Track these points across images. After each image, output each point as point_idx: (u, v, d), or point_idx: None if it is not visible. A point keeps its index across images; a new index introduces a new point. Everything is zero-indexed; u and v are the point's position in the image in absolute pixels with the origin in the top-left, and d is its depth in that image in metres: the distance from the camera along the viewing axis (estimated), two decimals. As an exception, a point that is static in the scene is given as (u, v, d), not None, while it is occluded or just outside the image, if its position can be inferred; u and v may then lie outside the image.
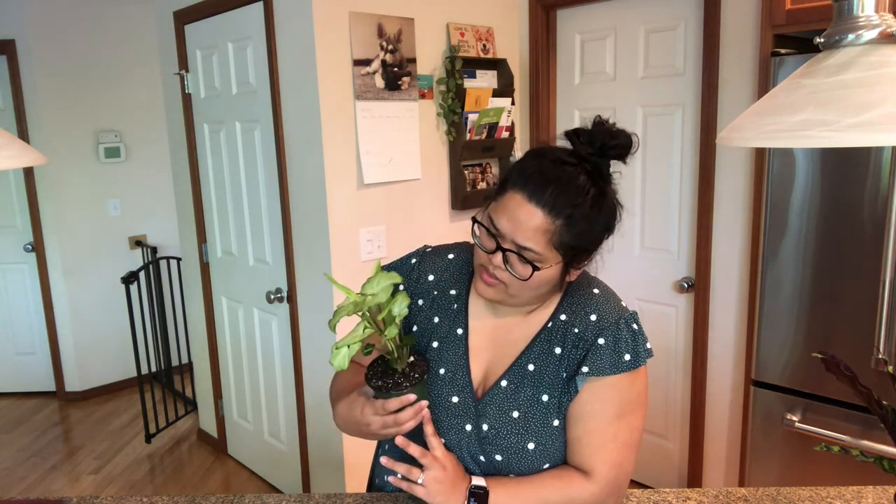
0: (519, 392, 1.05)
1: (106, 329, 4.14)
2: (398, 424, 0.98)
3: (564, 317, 1.06)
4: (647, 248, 2.74)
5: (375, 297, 0.94)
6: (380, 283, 0.96)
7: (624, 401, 1.03)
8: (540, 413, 1.04)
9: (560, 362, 1.04)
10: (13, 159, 0.87)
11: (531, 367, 1.05)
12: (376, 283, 0.96)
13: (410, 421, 0.98)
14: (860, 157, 1.83)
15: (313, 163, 2.36)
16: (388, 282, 0.96)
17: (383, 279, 0.96)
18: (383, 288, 0.95)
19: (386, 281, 0.96)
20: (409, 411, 0.97)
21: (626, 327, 1.04)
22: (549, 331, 1.06)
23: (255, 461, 3.15)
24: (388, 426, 0.99)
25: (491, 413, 1.05)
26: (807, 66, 0.71)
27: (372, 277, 0.97)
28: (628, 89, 2.70)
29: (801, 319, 2.00)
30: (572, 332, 1.04)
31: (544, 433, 1.03)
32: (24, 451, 3.48)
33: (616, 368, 1.01)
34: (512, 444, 1.03)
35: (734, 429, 2.51)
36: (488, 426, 1.04)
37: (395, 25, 2.43)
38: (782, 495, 1.14)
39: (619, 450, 1.02)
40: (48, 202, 3.93)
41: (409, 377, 0.98)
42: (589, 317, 1.05)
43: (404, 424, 0.98)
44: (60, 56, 3.85)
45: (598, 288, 1.10)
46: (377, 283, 0.96)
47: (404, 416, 0.97)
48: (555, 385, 1.04)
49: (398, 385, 0.97)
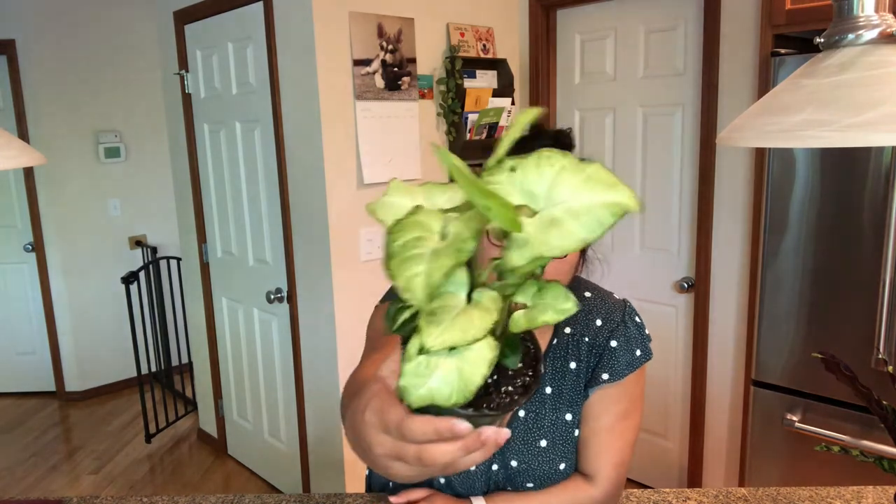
0: (541, 419, 1.01)
1: (106, 329, 4.14)
2: (469, 451, 0.48)
3: (569, 329, 1.04)
4: (647, 247, 2.74)
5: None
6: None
7: (630, 398, 1.03)
8: (567, 433, 1.02)
9: (577, 376, 1.02)
10: (13, 159, 0.87)
11: (548, 390, 1.02)
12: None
13: (486, 450, 0.51)
14: (860, 157, 1.83)
15: (313, 163, 2.36)
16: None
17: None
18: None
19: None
20: (493, 435, 0.48)
21: (632, 322, 1.04)
22: (557, 347, 1.03)
23: (255, 461, 3.15)
24: (456, 454, 0.49)
25: (517, 448, 1.01)
26: (807, 66, 0.71)
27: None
28: (628, 89, 2.70)
29: (801, 319, 2.00)
30: (584, 342, 1.03)
31: (573, 450, 1.02)
32: (24, 451, 3.48)
33: (632, 367, 1.01)
34: (544, 472, 1.00)
35: (734, 429, 2.51)
36: (517, 461, 1.00)
37: (395, 25, 2.43)
38: (782, 495, 1.14)
39: (623, 449, 1.03)
40: (48, 202, 3.93)
41: (526, 388, 0.48)
42: (594, 322, 1.03)
43: (476, 455, 0.49)
44: (60, 56, 3.85)
45: (588, 290, 1.08)
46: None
47: (491, 438, 0.47)
48: (575, 401, 1.02)
49: (512, 400, 0.47)
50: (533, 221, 0.40)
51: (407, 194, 0.47)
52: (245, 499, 1.17)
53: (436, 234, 0.41)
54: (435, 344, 0.39)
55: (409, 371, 0.41)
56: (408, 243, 0.40)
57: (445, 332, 0.40)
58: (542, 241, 0.39)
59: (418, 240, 0.41)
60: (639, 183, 2.72)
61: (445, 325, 0.40)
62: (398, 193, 0.47)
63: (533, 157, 0.41)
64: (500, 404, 0.45)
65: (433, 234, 0.41)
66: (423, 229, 0.41)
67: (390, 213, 0.45)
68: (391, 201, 0.46)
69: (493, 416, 0.45)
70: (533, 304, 0.44)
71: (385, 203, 0.46)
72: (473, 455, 0.47)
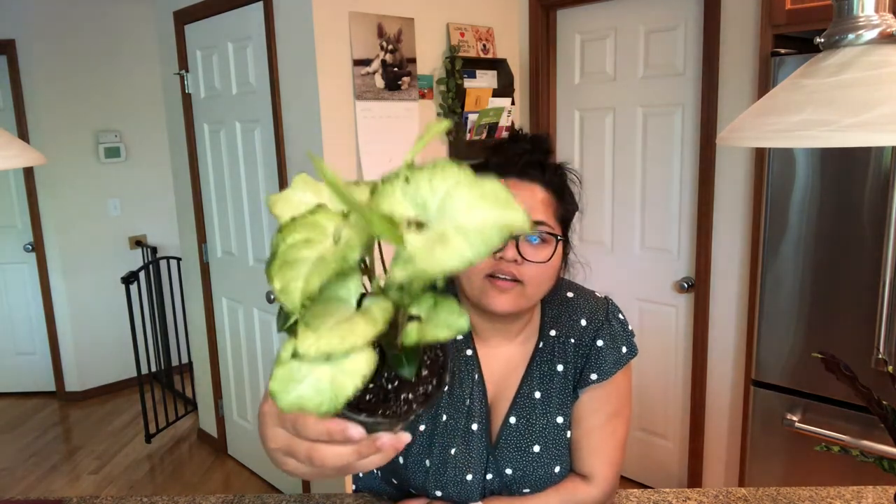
0: (532, 424, 1.00)
1: (106, 329, 4.14)
2: (363, 456, 0.47)
3: (554, 332, 1.03)
4: (647, 248, 2.74)
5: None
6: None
7: (619, 396, 1.03)
8: (559, 436, 1.02)
9: (565, 378, 1.02)
10: (13, 159, 0.87)
11: (537, 395, 1.02)
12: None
13: (383, 455, 0.49)
14: (860, 157, 1.83)
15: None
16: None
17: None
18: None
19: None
20: (389, 442, 0.46)
21: (615, 320, 1.04)
22: (543, 351, 1.03)
23: (255, 461, 3.15)
24: (349, 457, 0.48)
25: (510, 455, 1.00)
26: (807, 66, 0.71)
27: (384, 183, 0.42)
28: (628, 89, 2.70)
29: (801, 319, 2.00)
30: (569, 343, 1.02)
31: (566, 453, 1.02)
32: (24, 451, 3.48)
33: (619, 364, 1.02)
34: (540, 477, 1.00)
35: (734, 429, 2.51)
36: (512, 469, 1.00)
37: (395, 25, 2.43)
38: (782, 495, 1.14)
39: (616, 447, 1.03)
40: (48, 202, 3.93)
41: (427, 397, 0.46)
42: (579, 323, 1.03)
43: (373, 459, 0.48)
44: (60, 56, 3.85)
45: (569, 290, 1.08)
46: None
47: (387, 444, 0.47)
48: (565, 403, 1.02)
49: (410, 408, 0.45)
50: (420, 236, 0.38)
51: (312, 190, 0.44)
52: (245, 499, 1.17)
53: (328, 237, 0.39)
54: (309, 350, 0.37)
55: (280, 376, 0.40)
56: (295, 244, 0.39)
57: (322, 339, 0.38)
58: (426, 258, 0.36)
59: (306, 242, 0.39)
60: (639, 183, 2.73)
61: (323, 332, 0.38)
62: (303, 189, 0.44)
63: (427, 169, 0.39)
64: (395, 411, 0.44)
65: (326, 237, 0.39)
66: (315, 231, 0.39)
67: (289, 208, 0.43)
68: (293, 196, 0.44)
69: (390, 423, 0.45)
70: (427, 318, 0.42)
71: (286, 197, 0.44)
72: (371, 459, 0.46)
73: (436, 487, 0.98)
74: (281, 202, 0.44)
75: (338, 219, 0.40)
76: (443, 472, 0.98)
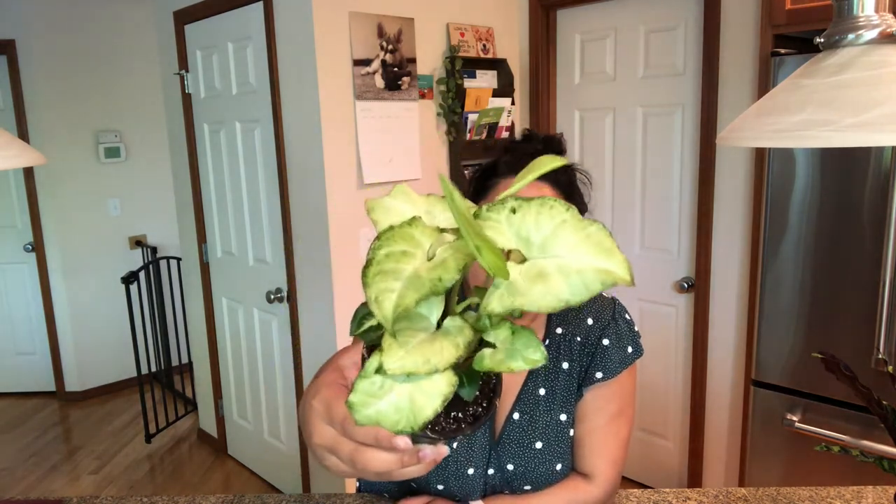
0: (535, 421, 1.01)
1: (106, 329, 4.14)
2: (405, 465, 0.48)
3: (560, 330, 1.04)
4: (647, 247, 2.74)
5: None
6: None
7: (623, 396, 1.03)
8: (562, 434, 1.02)
9: (570, 376, 1.02)
10: (13, 159, 0.87)
11: (542, 392, 1.02)
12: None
13: (423, 466, 0.50)
14: (860, 157, 1.83)
15: (313, 163, 2.36)
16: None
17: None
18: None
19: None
20: (431, 454, 0.48)
21: (622, 320, 1.05)
22: (549, 348, 1.04)
23: (255, 461, 3.15)
24: (391, 465, 0.49)
25: (512, 451, 1.01)
26: (807, 66, 0.71)
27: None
28: (628, 89, 2.70)
29: (801, 319, 2.00)
30: (575, 342, 1.03)
31: (568, 451, 1.03)
32: (24, 451, 3.48)
33: (624, 364, 1.02)
34: (541, 474, 1.01)
35: (734, 429, 2.51)
36: (514, 465, 1.00)
37: (395, 25, 2.43)
38: (782, 495, 1.14)
39: (618, 447, 1.03)
40: (48, 202, 3.92)
41: (476, 419, 0.46)
42: (585, 321, 1.04)
43: (413, 469, 0.49)
44: (60, 56, 3.85)
45: None
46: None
47: (429, 456, 0.48)
48: (569, 400, 1.02)
49: (458, 427, 0.45)
50: (521, 269, 0.38)
51: (409, 201, 0.45)
52: (245, 499, 1.17)
53: (423, 251, 0.39)
54: (394, 367, 0.38)
55: (362, 388, 0.40)
56: (391, 254, 0.39)
57: (407, 357, 0.38)
58: (525, 293, 0.37)
59: (403, 254, 0.39)
60: (639, 183, 2.73)
61: (409, 350, 0.38)
62: (401, 198, 0.45)
63: (535, 203, 0.39)
64: (444, 430, 0.44)
65: (421, 251, 0.40)
66: (411, 243, 0.40)
67: (387, 216, 0.44)
68: (391, 204, 0.45)
69: (434, 440, 0.44)
70: (502, 347, 0.42)
71: (385, 204, 0.45)
72: (411, 468, 0.47)
73: (437, 481, 0.99)
74: (379, 209, 0.44)
75: (433, 234, 0.41)
76: (444, 465, 0.98)
